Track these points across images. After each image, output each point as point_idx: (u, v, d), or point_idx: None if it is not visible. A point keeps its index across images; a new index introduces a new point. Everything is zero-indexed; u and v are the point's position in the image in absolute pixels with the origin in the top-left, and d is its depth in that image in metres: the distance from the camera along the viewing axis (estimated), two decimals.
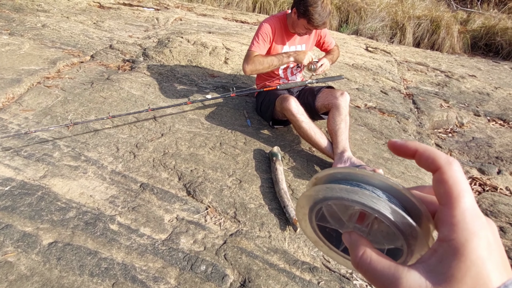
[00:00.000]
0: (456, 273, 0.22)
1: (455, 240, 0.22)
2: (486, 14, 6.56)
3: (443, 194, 0.24)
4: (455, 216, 0.23)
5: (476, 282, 0.21)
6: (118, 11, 4.91)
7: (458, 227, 0.23)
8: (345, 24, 6.42)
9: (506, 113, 3.09)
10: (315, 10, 1.91)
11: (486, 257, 0.22)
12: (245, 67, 2.11)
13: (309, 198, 0.31)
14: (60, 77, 2.63)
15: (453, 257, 0.22)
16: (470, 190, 0.24)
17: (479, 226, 0.23)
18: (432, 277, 0.22)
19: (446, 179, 0.24)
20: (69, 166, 1.71)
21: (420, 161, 0.26)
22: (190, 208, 1.55)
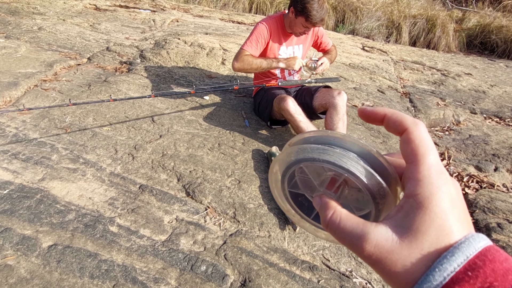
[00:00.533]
0: (420, 225, 0.22)
1: (420, 194, 0.23)
2: (481, 13, 6.60)
3: (410, 152, 0.25)
4: (421, 172, 0.24)
5: (439, 233, 0.22)
6: (114, 13, 4.90)
7: (423, 182, 0.23)
8: (341, 24, 6.45)
9: (502, 111, 3.12)
10: (312, 7, 1.93)
11: (449, 210, 0.23)
12: (234, 64, 2.15)
13: (282, 162, 0.31)
14: (57, 79, 2.63)
15: (418, 211, 0.23)
16: (434, 148, 0.25)
17: (443, 181, 0.23)
18: (398, 231, 0.23)
19: (412, 138, 0.25)
20: (68, 169, 1.71)
21: (389, 125, 0.27)
22: (190, 209, 1.55)
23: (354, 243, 0.24)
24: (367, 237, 0.24)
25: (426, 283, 0.21)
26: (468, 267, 0.20)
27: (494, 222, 1.74)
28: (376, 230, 0.24)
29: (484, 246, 0.21)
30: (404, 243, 0.23)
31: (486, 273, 0.20)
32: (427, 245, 0.22)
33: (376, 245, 0.23)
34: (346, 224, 0.25)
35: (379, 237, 0.23)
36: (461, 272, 0.20)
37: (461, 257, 0.21)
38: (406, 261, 0.22)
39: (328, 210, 0.27)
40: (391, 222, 0.24)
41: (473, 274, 0.20)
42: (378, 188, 0.27)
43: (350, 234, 0.25)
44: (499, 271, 0.20)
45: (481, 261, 0.20)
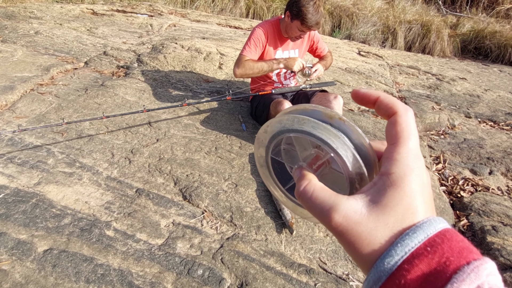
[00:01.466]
0: (389, 202, 0.24)
1: (394, 173, 0.24)
2: (475, 18, 6.69)
3: (394, 134, 0.26)
4: (400, 153, 0.25)
5: (406, 211, 0.23)
6: (111, 17, 4.91)
7: (400, 162, 0.24)
8: (337, 29, 6.50)
9: (496, 115, 3.15)
10: (307, 11, 1.95)
11: (418, 192, 0.24)
12: (235, 71, 2.15)
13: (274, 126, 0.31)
14: (54, 84, 2.62)
15: (389, 188, 0.24)
16: (417, 135, 0.26)
17: (418, 165, 0.25)
18: (368, 205, 0.24)
19: (400, 122, 0.26)
20: (64, 173, 1.70)
21: (380, 107, 0.27)
22: (186, 213, 1.55)
23: (324, 213, 0.25)
24: (337, 207, 0.24)
25: (388, 257, 0.22)
26: (428, 243, 0.21)
27: (489, 224, 1.75)
28: (347, 202, 0.25)
29: (443, 227, 0.23)
30: (371, 216, 0.24)
31: (444, 249, 0.21)
32: (393, 221, 0.23)
33: (345, 216, 0.24)
34: (319, 195, 0.26)
35: (349, 208, 0.24)
36: (421, 248, 0.21)
37: (422, 234, 0.22)
38: (371, 234, 0.23)
39: (304, 181, 0.28)
40: (362, 196, 0.25)
41: (432, 250, 0.21)
42: (358, 174, 0.27)
43: (320, 204, 0.25)
44: (456, 248, 0.21)
45: (440, 239, 0.22)
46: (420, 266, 0.21)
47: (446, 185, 2.20)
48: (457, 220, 1.84)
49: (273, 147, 0.32)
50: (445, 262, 0.20)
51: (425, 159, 2.34)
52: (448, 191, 2.14)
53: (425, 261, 0.21)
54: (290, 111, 0.30)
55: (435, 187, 2.04)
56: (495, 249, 1.60)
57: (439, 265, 0.20)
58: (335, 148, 0.27)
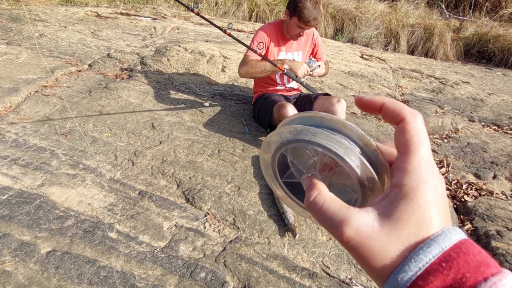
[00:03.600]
0: (402, 215, 0.23)
1: (407, 185, 0.23)
2: (478, 22, 6.68)
3: (404, 143, 0.25)
4: (412, 163, 0.24)
5: (420, 224, 0.23)
6: (115, 20, 4.94)
7: (412, 173, 0.24)
8: (340, 33, 6.51)
9: (500, 119, 3.14)
10: (304, 6, 1.98)
11: (432, 203, 0.23)
12: (240, 70, 2.19)
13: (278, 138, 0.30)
14: (58, 86, 2.64)
15: (402, 201, 0.23)
16: (428, 141, 0.25)
17: (431, 174, 0.24)
18: (380, 218, 0.23)
19: (409, 129, 0.25)
20: (67, 175, 1.71)
21: (386, 114, 0.26)
22: (189, 215, 1.54)
23: (335, 226, 0.24)
24: (348, 221, 0.24)
25: (402, 273, 0.21)
26: (443, 258, 0.21)
27: (493, 229, 1.74)
28: (358, 215, 0.24)
29: (459, 239, 0.22)
30: (384, 230, 0.23)
31: (460, 264, 0.20)
32: (406, 235, 0.22)
33: (356, 230, 0.23)
34: (329, 207, 0.25)
35: (360, 222, 0.23)
36: (436, 263, 0.21)
37: (436, 249, 0.21)
38: (384, 249, 0.22)
39: (313, 191, 0.27)
40: (374, 209, 0.24)
41: (447, 265, 0.20)
42: (369, 180, 0.27)
43: (331, 217, 0.25)
44: (472, 263, 0.20)
45: (456, 253, 0.21)
46: (435, 283, 0.20)
47: (450, 189, 2.19)
48: (461, 224, 1.83)
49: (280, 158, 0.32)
50: (461, 279, 0.20)
51: None
52: (451, 195, 2.13)
53: (440, 278, 0.20)
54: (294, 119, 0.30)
55: None
56: (499, 254, 1.58)
57: (454, 282, 0.20)
58: (342, 155, 0.26)
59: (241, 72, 2.18)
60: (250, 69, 2.13)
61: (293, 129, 0.28)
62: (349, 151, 0.26)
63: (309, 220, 1.59)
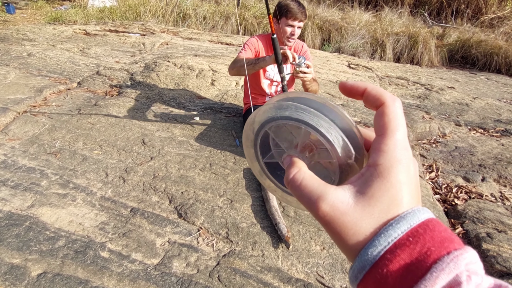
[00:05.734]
0: (376, 192, 0.24)
1: (381, 164, 0.25)
2: (460, 29, 6.88)
3: (382, 125, 0.26)
4: (387, 144, 0.25)
5: (391, 202, 0.24)
6: (104, 37, 4.97)
7: (387, 153, 0.25)
8: (327, 43, 6.64)
9: (485, 122, 3.21)
10: (287, 4, 2.09)
11: (404, 183, 0.24)
12: (229, 68, 2.22)
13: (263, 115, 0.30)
14: (47, 105, 2.63)
15: (376, 179, 0.24)
16: (405, 126, 0.26)
17: (405, 156, 0.25)
18: (355, 195, 0.25)
19: (388, 112, 0.26)
20: (58, 194, 1.69)
21: (368, 98, 0.27)
22: (182, 231, 1.54)
23: (312, 202, 0.25)
24: (324, 197, 0.25)
25: (372, 247, 0.22)
26: (411, 234, 0.22)
27: (483, 232, 1.76)
28: (335, 192, 0.25)
29: (427, 218, 0.23)
30: (358, 207, 0.24)
31: (426, 239, 0.22)
32: (378, 212, 0.24)
33: (332, 206, 0.24)
34: (307, 184, 0.26)
35: (336, 198, 0.25)
36: (404, 238, 0.22)
37: (405, 225, 0.23)
38: (357, 225, 0.24)
39: (293, 168, 0.28)
40: (350, 187, 0.25)
41: (414, 240, 0.22)
42: (348, 158, 0.27)
43: (309, 193, 0.26)
44: (437, 238, 0.22)
45: (423, 229, 0.22)
46: (402, 256, 0.21)
47: (440, 194, 2.22)
48: (452, 228, 1.85)
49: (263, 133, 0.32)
50: (426, 252, 0.21)
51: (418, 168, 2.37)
52: (442, 199, 2.16)
53: (407, 251, 0.21)
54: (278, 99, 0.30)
55: (429, 196, 2.05)
56: (491, 256, 1.60)
57: (420, 255, 0.21)
58: (324, 132, 0.27)
59: (229, 69, 2.21)
60: (238, 64, 2.13)
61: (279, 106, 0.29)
62: (331, 130, 0.27)
63: (302, 230, 1.60)
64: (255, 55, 2.28)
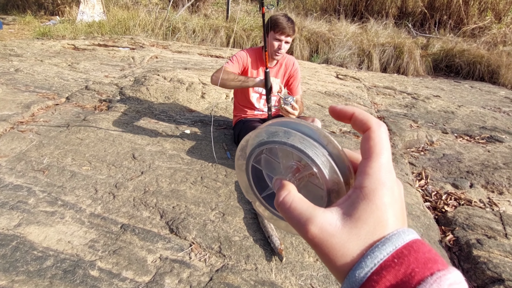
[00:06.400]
0: (362, 215, 0.25)
1: (367, 187, 0.25)
2: (443, 39, 7.09)
3: (368, 149, 0.27)
4: (373, 167, 0.26)
5: (377, 224, 0.25)
6: (93, 52, 4.96)
7: (372, 176, 0.26)
8: (315, 54, 6.75)
9: (471, 129, 3.28)
10: (277, 18, 2.14)
11: (389, 205, 0.25)
12: (212, 75, 2.15)
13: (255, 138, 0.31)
14: (35, 121, 2.60)
15: (362, 201, 0.25)
16: (389, 150, 0.27)
17: (389, 178, 0.26)
18: (342, 217, 0.25)
19: (373, 137, 0.27)
20: (46, 212, 1.66)
21: (355, 122, 0.29)
22: (174, 246, 1.52)
23: (301, 224, 0.26)
24: (313, 219, 0.25)
25: (359, 269, 0.23)
26: (396, 255, 0.23)
27: (473, 238, 1.78)
28: (323, 214, 0.26)
29: (412, 239, 0.24)
30: (345, 229, 0.25)
31: (410, 261, 0.22)
32: (365, 233, 0.24)
33: (321, 228, 0.25)
34: (297, 206, 0.27)
35: (325, 221, 0.25)
36: (389, 259, 0.23)
37: (390, 246, 0.23)
38: (344, 246, 0.24)
39: (283, 191, 0.28)
40: (338, 209, 0.26)
41: (399, 261, 0.22)
42: (335, 182, 0.28)
43: (298, 216, 0.26)
44: (421, 259, 0.22)
45: (407, 251, 0.23)
46: (387, 277, 0.22)
47: (430, 201, 2.24)
48: (443, 235, 1.87)
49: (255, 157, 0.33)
50: (411, 273, 0.22)
51: (407, 176, 2.40)
52: (432, 206, 2.18)
53: (392, 272, 0.22)
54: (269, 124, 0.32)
55: (419, 204, 2.08)
56: (481, 262, 1.62)
57: (405, 276, 0.22)
58: (313, 157, 0.28)
59: (212, 77, 2.15)
60: (224, 75, 2.11)
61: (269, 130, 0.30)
62: (319, 155, 0.28)
63: (295, 242, 1.60)
64: (242, 69, 2.29)
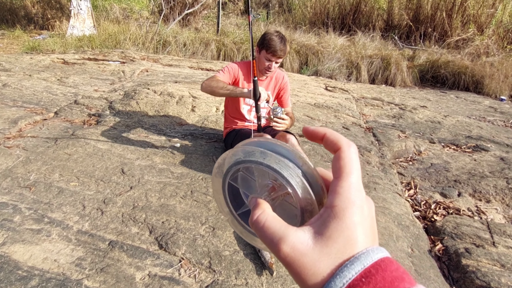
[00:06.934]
0: (333, 233, 0.25)
1: (337, 206, 0.26)
2: (429, 50, 7.27)
3: (338, 168, 0.28)
4: (343, 187, 0.27)
5: (347, 242, 0.25)
6: (83, 66, 4.95)
7: (342, 196, 0.26)
8: (305, 66, 6.85)
9: (457, 139, 3.35)
10: (271, 39, 2.15)
11: (359, 224, 0.26)
12: (202, 83, 2.20)
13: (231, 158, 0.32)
14: (22, 136, 2.56)
15: (333, 220, 0.26)
16: (359, 169, 0.28)
17: (358, 197, 0.27)
18: (314, 236, 0.26)
19: (343, 157, 0.28)
20: (31, 230, 1.62)
21: (327, 143, 0.30)
22: (163, 263, 1.50)
23: (274, 243, 0.26)
24: (285, 239, 0.26)
25: None
26: (364, 274, 0.23)
27: (462, 247, 1.80)
28: (295, 233, 0.26)
29: (380, 258, 0.24)
30: (316, 248, 0.25)
31: (377, 279, 0.23)
32: (335, 252, 0.25)
33: (292, 247, 0.25)
34: (270, 225, 0.27)
35: (296, 240, 0.26)
36: (357, 279, 0.23)
37: (359, 265, 0.24)
38: (315, 265, 0.25)
39: (257, 210, 0.29)
40: (309, 228, 0.27)
41: (366, 281, 0.23)
42: (308, 202, 0.29)
43: (271, 235, 0.27)
44: (388, 278, 0.23)
45: (375, 269, 0.24)
46: None
47: (420, 210, 2.27)
48: (432, 245, 1.88)
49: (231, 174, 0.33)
50: None
51: (397, 186, 2.42)
52: (422, 216, 2.20)
53: None
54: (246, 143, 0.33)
55: (408, 214, 2.09)
56: (470, 271, 1.64)
57: None
58: (287, 178, 0.28)
59: (203, 84, 2.19)
60: (214, 83, 2.15)
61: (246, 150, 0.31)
62: (294, 175, 0.29)
63: None
64: (233, 80, 2.32)
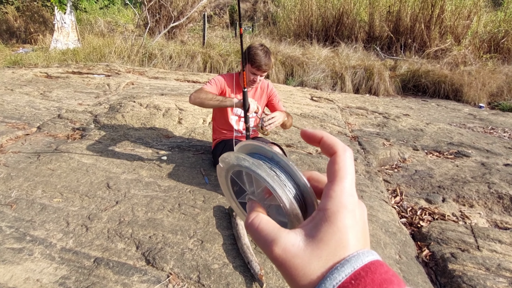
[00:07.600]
0: (324, 236, 0.26)
1: (329, 209, 0.27)
2: (409, 60, 7.51)
3: (333, 172, 0.28)
4: (336, 191, 0.27)
5: (338, 245, 0.25)
6: (67, 79, 4.89)
7: (334, 199, 0.27)
8: (291, 77, 6.95)
9: (439, 145, 3.44)
10: (256, 53, 2.18)
11: (350, 227, 0.26)
12: (190, 95, 2.21)
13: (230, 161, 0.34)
14: (3, 152, 2.49)
15: (324, 223, 0.26)
16: (353, 174, 0.28)
17: (350, 201, 0.27)
18: (305, 239, 0.26)
19: (338, 161, 0.28)
20: (12, 249, 1.57)
21: (323, 147, 0.30)
22: (150, 279, 1.47)
23: (267, 245, 0.27)
24: (278, 240, 0.27)
25: None
26: (353, 276, 0.24)
27: (448, 252, 1.83)
28: (287, 235, 0.27)
29: (370, 260, 0.25)
30: (307, 250, 0.26)
31: (366, 282, 0.23)
32: (326, 255, 0.25)
33: (284, 249, 0.26)
34: (263, 228, 0.28)
35: (288, 242, 0.26)
36: (347, 281, 0.24)
37: (349, 268, 0.24)
38: (306, 267, 0.25)
39: (252, 213, 0.30)
40: (301, 230, 0.27)
41: (356, 283, 0.23)
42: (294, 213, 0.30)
43: (264, 237, 0.28)
44: (377, 280, 0.23)
45: (365, 272, 0.24)
46: None
47: (406, 217, 2.30)
48: (419, 251, 1.91)
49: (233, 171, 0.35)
50: None
51: (383, 193, 2.46)
52: (408, 222, 2.24)
53: None
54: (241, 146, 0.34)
55: (395, 221, 2.12)
56: (457, 276, 1.66)
57: None
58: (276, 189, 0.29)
59: (191, 97, 2.19)
60: (202, 95, 2.16)
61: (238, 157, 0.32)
62: (283, 187, 0.30)
63: (275, 267, 1.58)
64: (219, 92, 2.33)
